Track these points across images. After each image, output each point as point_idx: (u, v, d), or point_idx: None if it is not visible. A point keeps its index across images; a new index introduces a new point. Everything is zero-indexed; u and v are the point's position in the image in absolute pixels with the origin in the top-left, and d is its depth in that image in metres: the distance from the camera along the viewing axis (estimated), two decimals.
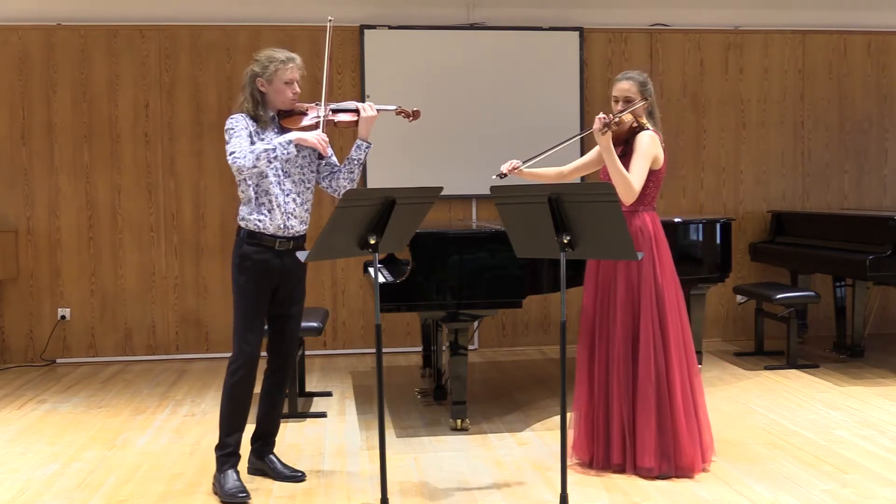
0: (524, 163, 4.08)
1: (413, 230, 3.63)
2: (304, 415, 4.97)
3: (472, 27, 6.84)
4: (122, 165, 6.63)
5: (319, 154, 3.86)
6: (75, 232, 6.62)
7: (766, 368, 6.00)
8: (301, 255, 3.50)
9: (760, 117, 7.21)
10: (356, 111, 3.82)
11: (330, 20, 3.97)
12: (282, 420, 4.08)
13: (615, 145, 3.89)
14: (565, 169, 4.26)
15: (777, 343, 6.48)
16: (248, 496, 3.64)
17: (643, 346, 3.83)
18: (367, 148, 3.82)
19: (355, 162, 3.81)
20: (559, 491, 3.25)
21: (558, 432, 3.32)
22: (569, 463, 3.90)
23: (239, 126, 3.68)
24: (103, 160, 6.61)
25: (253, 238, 3.70)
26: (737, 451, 4.19)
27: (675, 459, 3.82)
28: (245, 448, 3.85)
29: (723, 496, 3.61)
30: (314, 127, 3.74)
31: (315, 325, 4.89)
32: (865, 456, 4.10)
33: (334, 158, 3.91)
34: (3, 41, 6.50)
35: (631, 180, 3.82)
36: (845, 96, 7.30)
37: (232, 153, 3.58)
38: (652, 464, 3.79)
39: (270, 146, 3.58)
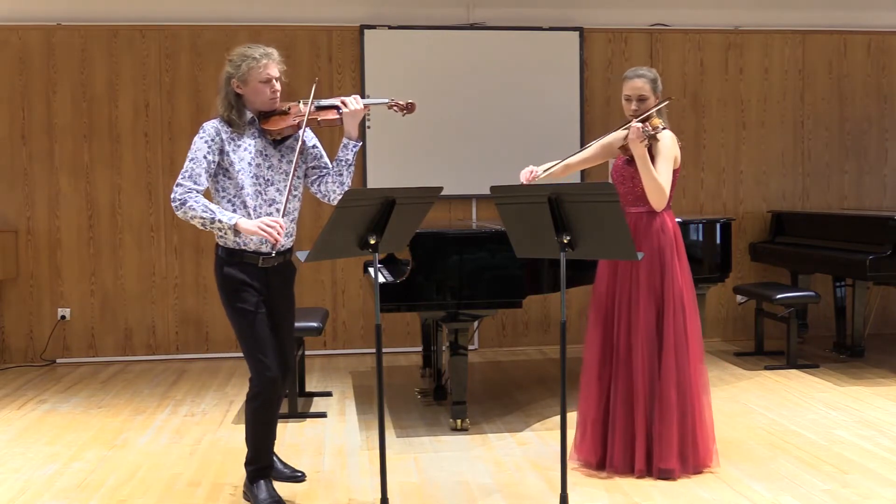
0: (543, 172, 3.94)
1: (413, 230, 3.59)
2: (304, 415, 4.97)
3: (472, 27, 6.84)
4: (122, 165, 6.63)
5: (308, 155, 3.60)
6: (75, 232, 6.62)
7: (766, 368, 5.99)
8: (301, 255, 3.46)
9: (760, 117, 7.21)
10: (340, 106, 3.50)
11: (317, 80, 3.83)
12: (281, 420, 4.07)
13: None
14: (571, 160, 4.12)
15: (777, 343, 6.48)
16: None
17: (666, 348, 3.79)
18: (354, 147, 3.53)
19: (343, 163, 3.54)
20: (559, 491, 3.25)
21: (558, 432, 3.32)
22: (573, 465, 3.91)
23: (201, 142, 3.38)
24: (103, 160, 6.61)
25: (233, 257, 3.43)
26: (737, 451, 4.19)
27: (695, 459, 3.82)
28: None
29: (723, 496, 3.61)
30: (296, 128, 3.47)
31: (315, 325, 4.89)
32: (865, 456, 4.10)
33: (325, 159, 3.63)
34: (3, 41, 6.50)
35: (664, 186, 3.79)
36: (845, 96, 7.29)
37: (178, 185, 3.31)
38: (674, 465, 3.76)
39: (210, 215, 3.28)
